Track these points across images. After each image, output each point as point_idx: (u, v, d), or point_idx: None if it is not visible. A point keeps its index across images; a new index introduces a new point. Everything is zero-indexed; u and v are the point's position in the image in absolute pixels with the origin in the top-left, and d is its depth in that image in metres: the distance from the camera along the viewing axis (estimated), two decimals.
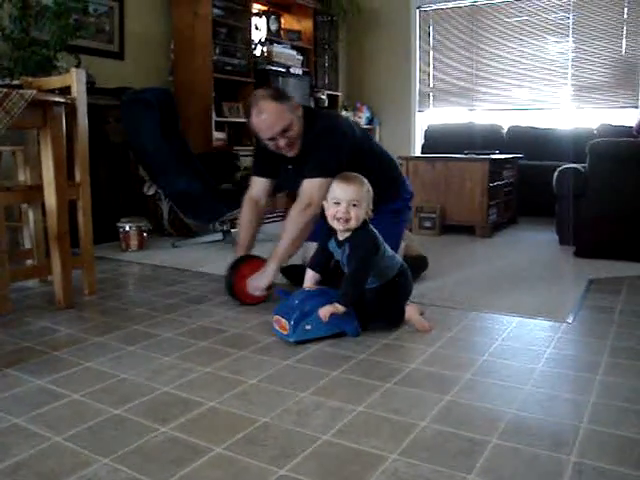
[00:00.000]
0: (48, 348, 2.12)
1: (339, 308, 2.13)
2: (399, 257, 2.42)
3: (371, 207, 2.26)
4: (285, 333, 2.14)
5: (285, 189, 3.32)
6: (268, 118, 2.55)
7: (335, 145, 2.61)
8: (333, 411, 1.61)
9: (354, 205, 2.18)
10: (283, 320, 2.15)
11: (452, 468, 1.31)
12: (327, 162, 2.52)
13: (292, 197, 2.76)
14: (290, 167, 2.73)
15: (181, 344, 2.16)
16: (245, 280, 2.62)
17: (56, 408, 1.64)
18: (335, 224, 2.22)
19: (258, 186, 2.90)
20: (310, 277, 2.39)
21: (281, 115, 2.56)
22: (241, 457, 1.37)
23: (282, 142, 2.61)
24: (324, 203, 2.31)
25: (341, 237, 2.25)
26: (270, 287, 2.62)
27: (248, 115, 2.65)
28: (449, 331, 2.29)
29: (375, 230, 2.27)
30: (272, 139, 2.61)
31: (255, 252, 2.82)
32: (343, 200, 2.19)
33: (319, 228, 2.48)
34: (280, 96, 2.61)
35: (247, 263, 2.68)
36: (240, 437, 1.46)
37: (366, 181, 2.26)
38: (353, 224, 2.19)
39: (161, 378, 1.84)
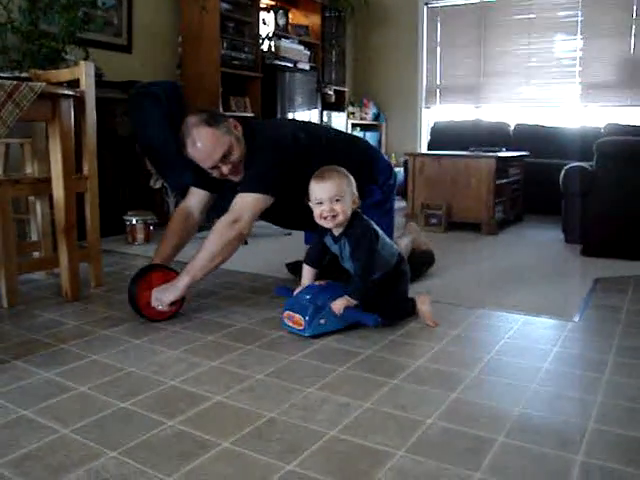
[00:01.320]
0: (55, 340, 2.13)
1: (351, 301, 2.15)
2: (395, 247, 2.41)
3: (357, 195, 2.19)
4: (300, 328, 2.14)
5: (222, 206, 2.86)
6: (204, 146, 2.37)
7: (274, 160, 2.45)
8: (340, 407, 1.61)
9: (337, 200, 2.13)
10: (297, 316, 2.15)
11: (459, 465, 1.32)
12: (264, 177, 2.40)
13: None
14: (238, 188, 2.49)
15: (188, 338, 2.17)
16: (150, 293, 2.34)
17: (63, 400, 1.65)
18: (324, 223, 2.19)
19: (195, 198, 2.69)
20: (307, 273, 2.34)
21: (218, 140, 2.38)
22: (248, 452, 1.37)
23: (225, 169, 2.44)
24: (310, 204, 2.22)
25: (336, 232, 2.23)
26: (177, 303, 2.37)
27: (183, 146, 2.44)
28: (455, 328, 2.29)
29: (367, 218, 2.25)
30: (214, 167, 2.44)
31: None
32: (324, 199, 2.14)
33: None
34: (213, 119, 2.41)
35: (155, 273, 2.41)
36: (247, 432, 1.47)
37: (344, 171, 2.19)
38: (341, 219, 2.16)
39: (168, 372, 1.85)
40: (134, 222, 3.98)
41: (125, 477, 1.27)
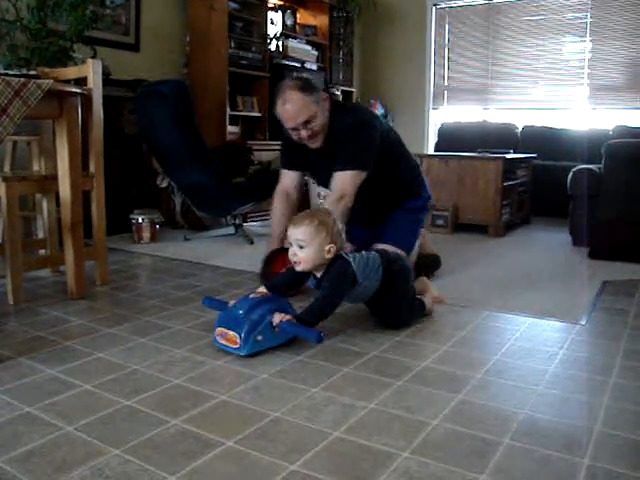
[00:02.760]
0: (60, 338, 2.13)
1: (292, 319, 2.00)
2: (377, 257, 2.24)
3: (336, 244, 2.09)
4: (235, 347, 1.95)
5: (315, 181, 3.29)
6: (292, 108, 2.57)
7: (367, 138, 2.64)
8: (344, 407, 1.60)
9: (300, 247, 2.07)
10: (231, 333, 1.96)
11: (464, 468, 1.31)
12: (359, 154, 2.57)
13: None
14: (318, 157, 2.73)
15: (192, 337, 2.16)
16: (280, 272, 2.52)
17: (68, 398, 1.64)
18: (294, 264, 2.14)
19: (287, 179, 2.91)
20: (260, 289, 2.20)
21: (305, 106, 2.57)
22: (252, 451, 1.37)
23: (304, 133, 2.62)
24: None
25: (318, 274, 2.14)
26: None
27: (274, 103, 2.66)
28: (461, 330, 2.28)
29: (350, 259, 2.13)
30: (294, 129, 2.63)
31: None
32: (292, 242, 2.10)
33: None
34: (307, 87, 2.61)
35: (283, 255, 2.55)
36: (251, 431, 1.46)
37: (323, 217, 2.12)
38: (300, 268, 2.09)
39: (172, 370, 1.85)
40: (140, 221, 3.99)
41: (128, 475, 1.26)
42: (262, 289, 2.19)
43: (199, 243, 4.08)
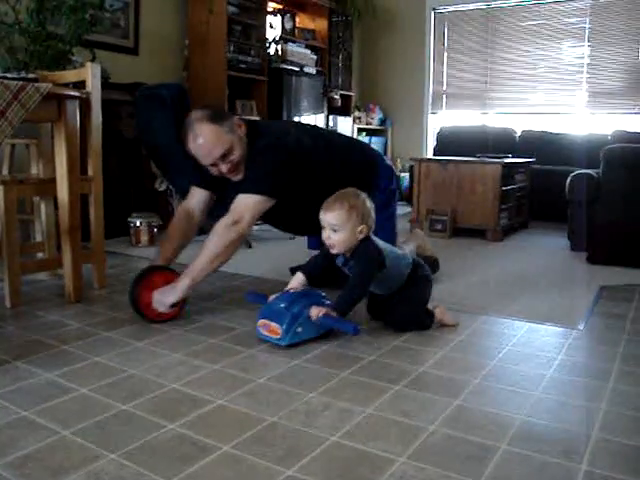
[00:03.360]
0: (57, 341, 2.12)
1: (330, 313, 2.09)
2: (409, 257, 2.35)
3: (367, 224, 2.14)
4: (277, 337, 2.08)
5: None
6: (205, 143, 2.37)
7: (276, 162, 2.44)
8: (341, 412, 1.60)
9: (334, 230, 2.13)
10: (273, 324, 2.09)
11: (461, 473, 1.30)
12: (265, 179, 2.40)
13: None
14: (235, 184, 2.51)
15: (190, 341, 2.16)
16: (151, 294, 2.34)
17: (64, 402, 1.64)
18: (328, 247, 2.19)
19: (196, 198, 2.68)
20: (296, 280, 2.27)
21: (220, 138, 2.38)
22: (248, 456, 1.37)
23: (224, 167, 2.44)
24: None
25: (348, 254, 2.20)
26: (178, 305, 2.36)
27: (184, 139, 2.43)
28: (459, 335, 2.27)
29: (379, 243, 2.20)
30: (213, 165, 2.44)
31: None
32: (325, 226, 2.15)
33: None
34: (218, 117, 2.41)
35: (156, 274, 2.41)
36: (248, 436, 1.46)
37: (353, 200, 2.15)
38: (336, 250, 2.16)
39: (169, 375, 1.84)
40: (138, 224, 3.98)
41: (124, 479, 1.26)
42: (296, 281, 2.25)
43: (197, 247, 4.05)
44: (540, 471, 1.32)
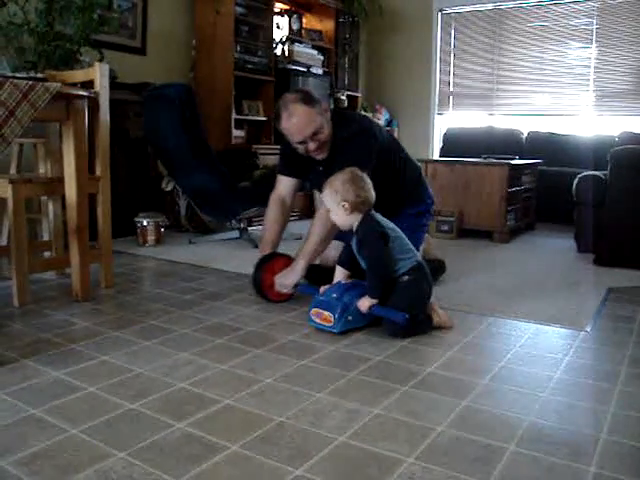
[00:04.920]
0: (65, 340, 2.13)
1: (372, 300, 2.22)
2: (417, 255, 2.39)
3: (347, 197, 2.26)
4: (330, 325, 2.24)
5: (315, 189, 3.25)
6: (298, 121, 2.57)
7: (366, 147, 2.64)
8: (349, 413, 1.60)
9: (330, 211, 2.34)
10: (326, 313, 2.25)
11: (469, 474, 1.30)
12: (358, 162, 2.51)
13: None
14: (321, 168, 2.71)
15: (197, 340, 2.17)
16: (272, 277, 2.64)
17: (73, 400, 1.64)
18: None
19: (284, 185, 2.89)
20: (339, 273, 2.44)
21: (311, 118, 2.57)
22: (256, 456, 1.37)
23: (312, 145, 2.62)
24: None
25: (354, 228, 2.31)
26: (296, 285, 2.62)
27: (278, 119, 2.65)
28: (466, 336, 2.27)
29: (384, 221, 2.32)
30: (302, 142, 2.62)
31: (279, 250, 2.82)
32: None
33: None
34: (310, 99, 2.61)
35: (274, 260, 2.69)
36: (256, 436, 1.46)
37: (332, 181, 2.31)
38: (341, 228, 2.37)
39: (177, 374, 1.85)
40: (145, 224, 3.99)
41: (133, 478, 1.26)
42: (340, 274, 2.43)
43: (204, 247, 4.08)
44: (548, 472, 1.32)
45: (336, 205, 2.29)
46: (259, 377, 1.83)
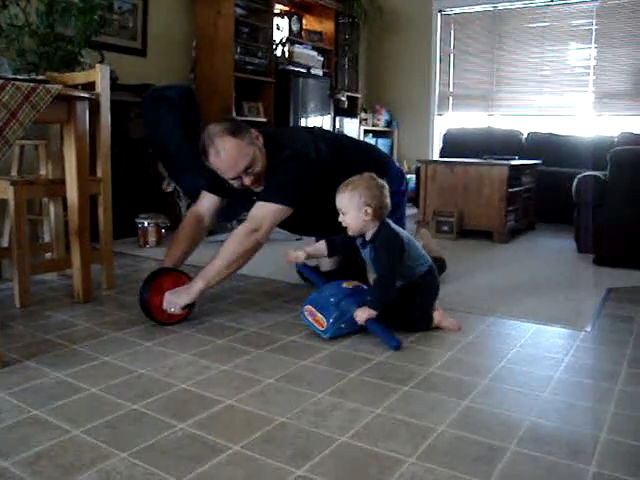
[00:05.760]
0: (67, 341, 2.14)
1: (372, 312, 2.15)
2: (428, 257, 2.38)
3: (372, 204, 2.15)
4: (321, 329, 2.18)
5: (244, 212, 2.70)
6: (228, 157, 2.35)
7: (297, 172, 2.44)
8: (351, 413, 1.60)
9: (343, 213, 2.21)
10: (319, 315, 2.19)
11: (470, 474, 1.31)
12: (286, 188, 2.40)
13: None
14: (255, 198, 2.48)
15: (198, 341, 2.17)
16: (160, 296, 2.33)
17: (75, 401, 1.65)
18: None
19: (207, 202, 2.68)
20: (318, 245, 2.39)
21: (242, 152, 2.35)
22: (258, 456, 1.37)
23: (247, 180, 2.42)
24: None
25: (367, 237, 2.24)
26: (188, 307, 2.36)
27: (205, 155, 2.40)
28: (467, 336, 2.28)
29: (398, 229, 2.26)
30: (236, 178, 2.42)
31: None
32: (338, 209, 2.23)
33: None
34: (237, 129, 2.39)
35: (169, 276, 2.41)
36: (257, 436, 1.47)
37: (357, 183, 2.20)
38: (350, 232, 2.24)
39: (178, 375, 1.85)
40: (146, 225, 4.00)
41: (135, 479, 1.27)
42: (315, 247, 2.37)
43: (204, 248, 4.06)
44: (549, 472, 1.33)
45: (356, 209, 2.17)
46: (260, 377, 1.84)
